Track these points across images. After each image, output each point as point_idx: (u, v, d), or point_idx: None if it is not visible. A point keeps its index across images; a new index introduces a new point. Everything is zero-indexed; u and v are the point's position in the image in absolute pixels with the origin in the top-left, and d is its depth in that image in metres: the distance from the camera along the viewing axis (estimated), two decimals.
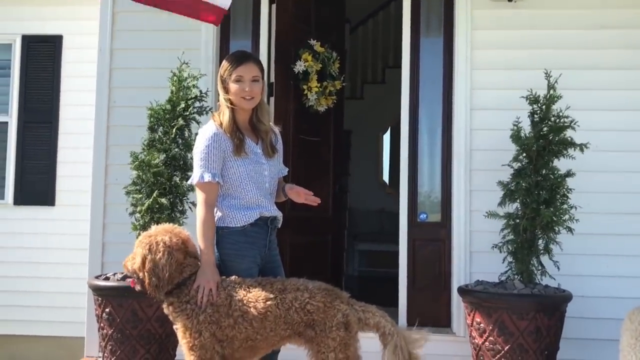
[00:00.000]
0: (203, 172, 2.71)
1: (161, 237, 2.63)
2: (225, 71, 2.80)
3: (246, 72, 2.78)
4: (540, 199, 3.63)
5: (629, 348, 3.09)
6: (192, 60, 4.13)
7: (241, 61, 2.81)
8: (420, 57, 4.56)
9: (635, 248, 4.14)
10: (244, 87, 2.77)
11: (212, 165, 2.71)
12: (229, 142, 2.75)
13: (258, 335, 2.57)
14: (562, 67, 4.12)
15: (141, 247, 2.64)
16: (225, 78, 2.80)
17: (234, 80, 2.77)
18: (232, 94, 2.78)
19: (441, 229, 4.47)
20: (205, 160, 2.72)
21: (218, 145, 2.73)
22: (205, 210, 2.70)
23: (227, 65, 2.81)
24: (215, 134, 2.75)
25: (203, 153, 2.72)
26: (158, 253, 2.58)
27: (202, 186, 2.72)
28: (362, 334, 2.64)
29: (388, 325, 2.59)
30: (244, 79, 2.77)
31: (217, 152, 2.72)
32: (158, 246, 2.60)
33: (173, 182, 3.90)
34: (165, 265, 2.57)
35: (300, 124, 4.90)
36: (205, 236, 2.68)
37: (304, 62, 4.75)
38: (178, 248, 2.64)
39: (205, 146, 2.73)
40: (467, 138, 4.34)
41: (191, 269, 2.65)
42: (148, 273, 2.59)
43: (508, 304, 3.58)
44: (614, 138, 4.18)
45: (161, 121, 3.96)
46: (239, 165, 2.76)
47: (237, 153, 2.75)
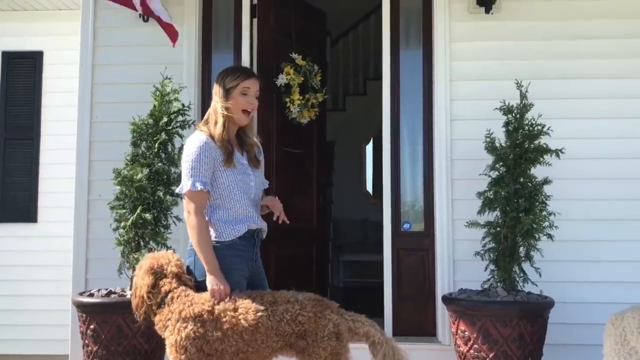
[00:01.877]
0: (194, 180, 2.69)
1: (144, 262, 2.77)
2: (233, 81, 2.80)
3: (253, 85, 2.83)
4: (519, 207, 3.69)
5: (613, 353, 3.14)
6: (174, 74, 4.15)
7: (249, 75, 2.87)
8: (400, 69, 4.62)
9: (614, 253, 4.21)
10: (250, 100, 2.81)
11: (203, 174, 2.71)
12: (219, 151, 2.75)
13: (249, 348, 2.58)
14: (538, 77, 4.22)
15: (135, 274, 2.84)
16: (230, 88, 2.79)
17: (241, 92, 2.79)
18: (234, 105, 2.79)
19: (425, 238, 4.51)
20: (196, 169, 2.70)
21: (209, 153, 2.72)
22: (198, 218, 2.70)
23: (235, 75, 2.83)
24: (205, 142, 2.74)
25: (194, 161, 2.71)
26: (137, 277, 2.75)
27: (193, 195, 2.70)
28: (353, 345, 2.65)
29: (377, 334, 2.61)
30: (250, 92, 2.81)
31: (208, 160, 2.72)
32: (139, 271, 2.75)
33: (157, 196, 3.89)
34: (141, 288, 2.69)
35: (284, 137, 4.93)
36: (203, 243, 2.68)
37: (285, 75, 4.79)
38: (152, 272, 2.71)
39: (196, 154, 2.71)
40: (447, 148, 4.40)
41: (167, 287, 2.68)
42: (132, 296, 2.77)
43: (491, 311, 3.61)
44: (589, 146, 4.26)
45: (144, 136, 3.96)
46: (228, 175, 2.77)
47: (227, 163, 2.75)
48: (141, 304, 2.68)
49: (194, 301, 2.63)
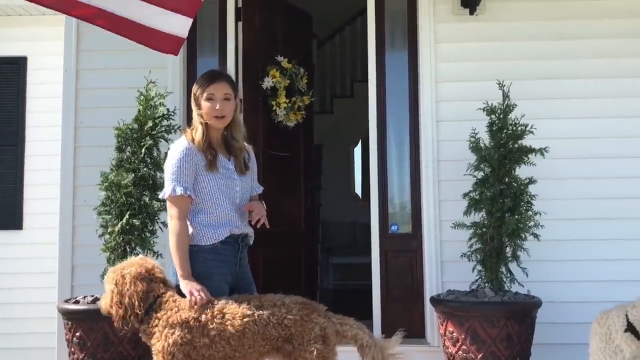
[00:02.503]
0: (175, 185, 2.71)
1: (127, 270, 2.68)
2: (198, 89, 2.84)
3: (217, 90, 2.81)
4: (504, 207, 3.71)
5: (599, 352, 3.15)
6: (159, 79, 4.15)
7: (213, 80, 2.85)
8: (386, 71, 4.63)
9: (601, 252, 4.24)
10: (215, 106, 2.80)
11: (184, 179, 2.72)
12: (201, 157, 2.76)
13: (236, 353, 2.57)
14: (522, 77, 4.26)
15: (108, 283, 2.70)
16: (197, 96, 2.83)
17: (206, 99, 2.80)
18: (203, 112, 2.80)
19: (412, 239, 4.51)
20: (177, 174, 2.72)
21: (190, 159, 2.74)
22: (178, 224, 2.70)
23: (199, 83, 2.86)
24: (187, 148, 2.76)
25: (175, 167, 2.73)
26: (124, 285, 2.64)
27: (174, 200, 2.72)
28: (341, 348, 2.64)
29: (366, 337, 2.61)
30: (215, 97, 2.80)
31: (189, 165, 2.73)
32: (124, 279, 2.66)
33: (142, 202, 3.87)
34: (132, 296, 2.62)
35: (270, 140, 4.92)
36: (179, 250, 2.68)
37: (271, 79, 4.78)
38: (142, 277, 2.66)
39: (177, 160, 2.74)
40: (434, 149, 4.41)
41: (156, 293, 2.66)
42: (115, 306, 2.65)
43: (479, 312, 3.62)
44: (574, 145, 4.29)
45: (129, 141, 3.94)
46: (210, 179, 2.77)
47: (209, 168, 2.76)
48: (131, 312, 2.62)
49: (181, 307, 2.61)
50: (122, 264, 2.75)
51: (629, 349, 3.01)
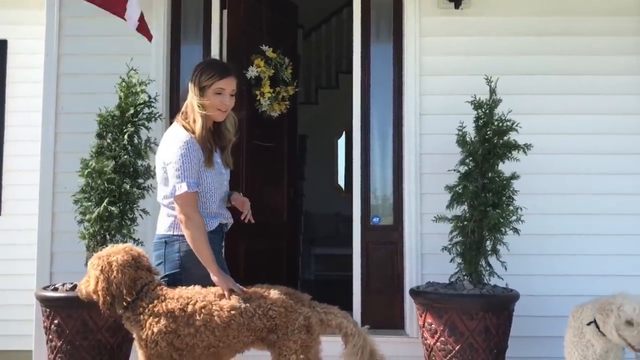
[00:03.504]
0: (188, 182, 2.66)
1: (114, 257, 2.66)
2: (207, 79, 2.75)
3: (228, 85, 2.78)
4: (487, 201, 3.74)
5: (572, 345, 3.21)
6: (142, 66, 4.11)
7: (224, 74, 2.79)
8: (371, 63, 4.63)
9: (579, 247, 4.30)
10: (224, 101, 2.76)
11: (194, 175, 2.68)
12: (201, 152, 2.72)
13: (220, 343, 2.58)
14: (506, 72, 4.27)
15: (93, 269, 2.66)
16: (204, 86, 2.75)
17: (215, 92, 2.75)
18: (209, 104, 2.74)
19: (393, 231, 4.54)
20: (188, 169, 2.66)
21: (196, 154, 2.69)
22: (198, 218, 2.68)
23: (209, 73, 2.77)
24: (191, 142, 2.69)
25: (185, 163, 2.66)
26: (112, 272, 2.62)
27: (189, 197, 2.67)
28: (326, 338, 2.66)
29: (350, 326, 2.63)
30: (225, 92, 2.77)
31: (195, 160, 2.69)
32: (111, 266, 2.63)
33: (123, 189, 3.85)
34: (120, 283, 2.60)
35: (254, 130, 4.90)
36: (203, 250, 2.66)
37: (256, 68, 4.76)
38: (130, 265, 2.65)
39: (184, 154, 2.66)
40: (417, 142, 4.43)
41: (142, 281, 2.65)
42: (102, 292, 2.61)
43: (458, 304, 3.66)
44: (555, 141, 4.33)
45: (110, 127, 3.91)
46: (207, 177, 2.75)
47: (208, 164, 2.73)
48: (119, 300, 2.61)
49: (167, 296, 2.61)
50: (108, 251, 2.71)
51: (598, 344, 3.06)
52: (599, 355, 3.06)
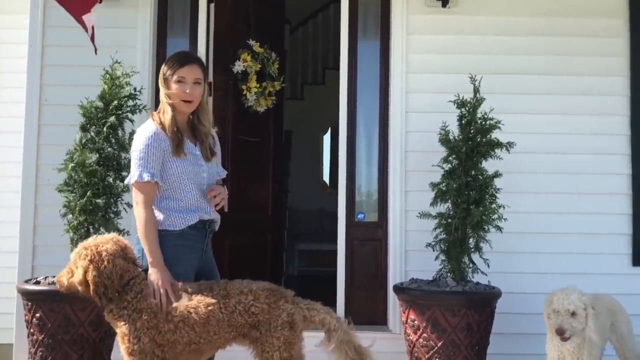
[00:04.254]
0: (142, 171, 2.66)
1: (104, 247, 2.61)
2: (168, 70, 2.77)
3: (189, 73, 2.76)
4: (470, 199, 3.77)
5: (550, 341, 3.24)
6: (128, 58, 4.09)
7: (185, 62, 2.79)
8: (357, 60, 4.64)
9: (560, 246, 4.35)
10: (185, 89, 2.75)
11: (152, 165, 2.67)
12: (168, 141, 2.71)
13: (201, 339, 2.57)
14: (491, 71, 4.31)
15: (81, 259, 2.60)
16: (167, 77, 2.77)
17: (176, 81, 2.74)
18: (172, 94, 2.75)
19: (378, 228, 4.56)
20: (144, 159, 2.66)
21: (158, 144, 2.68)
22: (145, 211, 2.66)
23: (170, 64, 2.79)
24: (155, 132, 2.70)
25: (142, 152, 2.67)
26: (102, 262, 2.57)
27: (140, 186, 2.67)
28: (308, 333, 2.66)
29: (333, 322, 2.63)
30: (186, 80, 2.75)
31: (157, 151, 2.68)
32: (101, 256, 2.59)
33: (107, 182, 3.82)
34: (111, 273, 2.56)
35: (240, 125, 4.89)
36: (149, 237, 2.64)
37: (242, 62, 4.74)
38: (119, 255, 2.62)
39: (144, 145, 2.67)
40: (402, 140, 4.45)
41: (130, 274, 2.62)
42: (93, 283, 2.56)
43: (441, 301, 3.69)
44: (536, 140, 4.38)
45: (93, 120, 3.87)
46: (179, 166, 2.73)
47: (176, 153, 2.71)
48: (111, 291, 2.56)
49: (150, 291, 2.59)
50: (96, 240, 2.66)
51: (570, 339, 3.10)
52: (572, 350, 3.11)
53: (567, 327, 2.97)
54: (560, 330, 2.99)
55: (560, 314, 3.02)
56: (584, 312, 2.99)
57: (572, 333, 3.00)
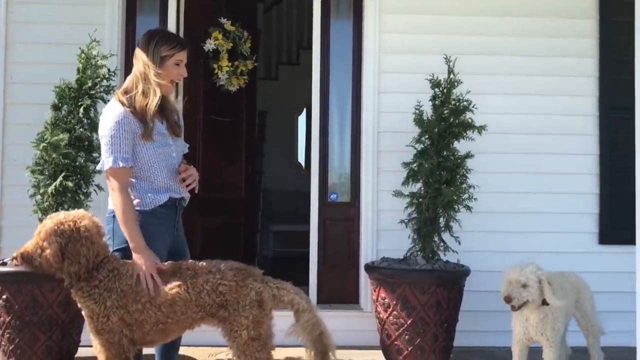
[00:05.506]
0: (116, 157, 2.60)
1: (82, 223, 2.54)
2: (169, 50, 2.69)
3: (185, 57, 2.76)
4: (441, 179, 3.80)
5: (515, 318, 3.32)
6: (96, 36, 3.98)
7: (185, 45, 2.78)
8: (330, 40, 4.61)
9: (529, 225, 4.42)
10: (182, 72, 2.74)
11: (124, 149, 2.61)
12: (138, 124, 2.66)
13: (168, 319, 2.55)
14: (465, 52, 4.31)
15: (57, 235, 2.51)
16: (165, 55, 2.68)
17: (174, 63, 2.71)
18: (165, 74, 2.68)
19: (350, 208, 4.58)
20: (116, 144, 2.60)
21: (128, 127, 2.62)
22: (123, 196, 2.61)
23: (170, 44, 2.71)
24: (124, 115, 2.63)
25: (113, 137, 2.61)
26: (80, 239, 2.51)
27: (115, 172, 2.62)
28: (278, 313, 2.66)
29: (302, 302, 2.62)
30: (182, 64, 2.75)
31: (128, 134, 2.62)
32: (79, 232, 2.52)
33: (78, 163, 3.77)
34: (89, 251, 2.51)
35: (211, 104, 4.85)
36: (129, 222, 2.60)
37: (214, 41, 4.69)
38: (97, 232, 2.58)
39: (115, 129, 2.61)
40: (375, 120, 4.45)
41: (105, 252, 2.59)
42: (69, 261, 2.50)
43: (410, 279, 3.74)
44: (509, 121, 4.42)
45: (66, 99, 3.81)
46: (148, 149, 2.69)
47: (146, 137, 2.67)
48: (85, 270, 2.50)
49: (120, 271, 2.56)
50: (71, 216, 2.57)
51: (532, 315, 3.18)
52: (535, 325, 3.19)
53: (515, 296, 3.08)
54: (507, 298, 3.11)
55: (511, 284, 3.12)
56: (536, 284, 3.09)
57: (520, 302, 3.10)
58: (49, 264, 2.51)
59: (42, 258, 2.52)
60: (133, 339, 2.57)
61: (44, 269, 2.55)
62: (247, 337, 2.52)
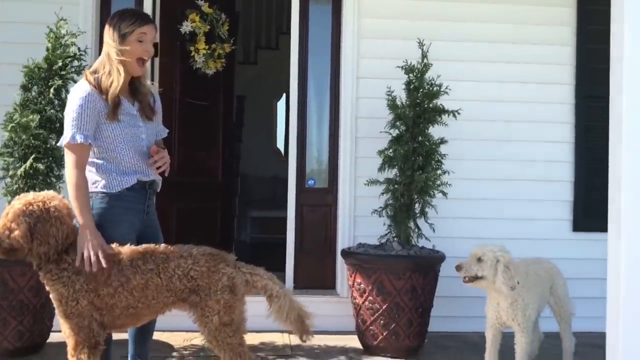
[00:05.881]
0: (74, 133, 2.57)
1: (51, 203, 2.49)
2: (128, 26, 2.63)
3: (150, 32, 2.67)
4: (415, 165, 3.80)
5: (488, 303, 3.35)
6: (70, 16, 3.92)
7: (146, 20, 2.69)
8: (309, 24, 4.57)
9: (502, 211, 4.46)
10: (147, 48, 2.66)
11: (85, 127, 2.58)
12: (104, 104, 2.62)
13: (139, 303, 2.52)
14: (442, 38, 4.31)
15: (26, 215, 2.45)
16: (125, 32, 2.62)
17: (137, 39, 2.63)
18: (130, 53, 2.62)
19: (328, 194, 4.58)
20: (77, 120, 2.57)
21: (93, 106, 2.59)
22: (77, 172, 2.57)
23: (129, 20, 2.64)
24: (89, 94, 2.59)
25: (75, 113, 2.58)
26: (50, 220, 2.46)
27: (73, 147, 2.58)
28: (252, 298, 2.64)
29: (276, 288, 2.61)
30: (147, 39, 2.66)
31: (91, 112, 2.59)
32: (49, 213, 2.47)
33: (49, 145, 3.71)
34: (58, 232, 2.47)
35: (188, 87, 4.78)
36: (80, 198, 2.55)
37: (191, 23, 4.62)
38: (67, 214, 2.53)
39: (78, 106, 2.58)
40: (353, 106, 4.44)
41: (74, 234, 2.54)
42: (39, 242, 2.45)
43: (386, 265, 3.75)
44: (485, 108, 4.44)
45: (36, 80, 3.74)
46: (114, 128, 2.64)
47: (111, 117, 2.62)
48: (54, 251, 2.45)
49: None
50: (38, 196, 2.51)
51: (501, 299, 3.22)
52: (506, 310, 3.22)
53: (466, 267, 3.14)
54: (458, 266, 3.18)
55: (470, 257, 3.18)
56: (492, 262, 3.11)
57: (468, 274, 3.15)
58: (19, 244, 2.45)
59: (12, 239, 2.46)
60: (103, 323, 2.53)
61: (13, 251, 2.48)
62: (219, 323, 2.50)
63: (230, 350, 2.52)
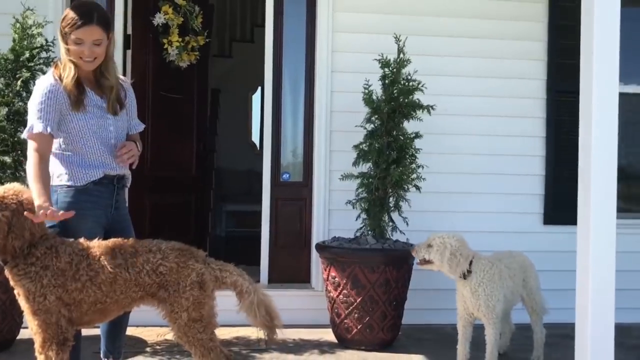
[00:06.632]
0: (34, 123, 2.55)
1: (24, 196, 2.44)
2: (66, 27, 2.59)
3: (87, 35, 2.58)
4: (390, 159, 3.82)
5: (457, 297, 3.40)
6: (38, 6, 3.85)
7: (84, 22, 2.58)
8: (284, 17, 4.55)
9: (478, 205, 4.51)
10: (83, 50, 2.60)
11: (45, 117, 2.55)
12: (66, 96, 2.59)
13: (107, 298, 2.49)
14: (417, 33, 4.31)
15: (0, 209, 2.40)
16: (65, 33, 2.60)
17: (74, 42, 2.58)
18: (71, 54, 2.60)
19: (303, 188, 4.57)
20: (40, 111, 2.55)
21: (54, 95, 2.56)
22: (38, 154, 2.51)
23: (69, 21, 2.59)
24: (51, 85, 2.58)
25: (38, 105, 2.56)
26: (22, 214, 2.40)
27: (33, 137, 2.55)
28: (223, 293, 2.63)
29: (245, 284, 2.59)
30: (85, 42, 2.59)
31: (52, 103, 2.56)
32: (22, 205, 2.42)
33: (17, 138, 3.64)
34: (34, 226, 2.42)
35: (161, 80, 4.73)
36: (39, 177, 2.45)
37: (163, 15, 4.56)
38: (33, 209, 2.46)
39: (40, 97, 2.56)
40: (327, 100, 4.43)
41: (42, 230, 2.49)
42: (13, 234, 2.39)
43: (360, 258, 3.76)
44: (458, 102, 4.47)
45: (2, 71, 3.66)
46: (80, 119, 2.61)
47: (75, 107, 2.60)
48: (25, 246, 2.41)
49: (59, 250, 2.47)
50: (8, 189, 2.45)
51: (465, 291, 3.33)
52: (470, 300, 3.27)
53: (417, 250, 3.34)
54: (412, 250, 3.41)
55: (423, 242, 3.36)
56: (438, 247, 3.27)
57: (419, 257, 3.35)
58: None
59: None
60: (71, 319, 2.49)
61: None
62: (188, 319, 2.49)
63: (201, 346, 2.51)
